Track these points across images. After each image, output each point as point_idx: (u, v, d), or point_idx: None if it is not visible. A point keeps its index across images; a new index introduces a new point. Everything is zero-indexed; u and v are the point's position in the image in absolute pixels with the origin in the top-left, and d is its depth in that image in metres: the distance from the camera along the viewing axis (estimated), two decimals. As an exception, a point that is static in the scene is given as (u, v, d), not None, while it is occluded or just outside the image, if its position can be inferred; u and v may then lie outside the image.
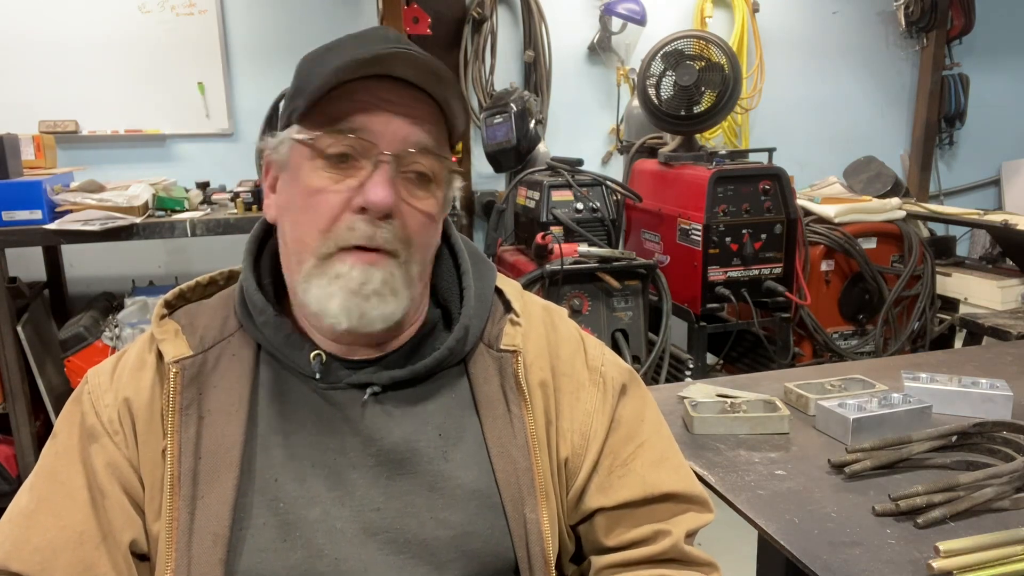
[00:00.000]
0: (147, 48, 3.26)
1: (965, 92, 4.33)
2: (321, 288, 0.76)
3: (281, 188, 0.82)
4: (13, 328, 2.54)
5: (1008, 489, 1.03)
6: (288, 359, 0.81)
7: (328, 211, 0.76)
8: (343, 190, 0.76)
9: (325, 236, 0.76)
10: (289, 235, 0.80)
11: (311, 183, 0.77)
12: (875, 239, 3.39)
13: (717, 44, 2.98)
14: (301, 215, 0.78)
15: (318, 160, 0.77)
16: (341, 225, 0.76)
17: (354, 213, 0.76)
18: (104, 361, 0.84)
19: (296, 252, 0.79)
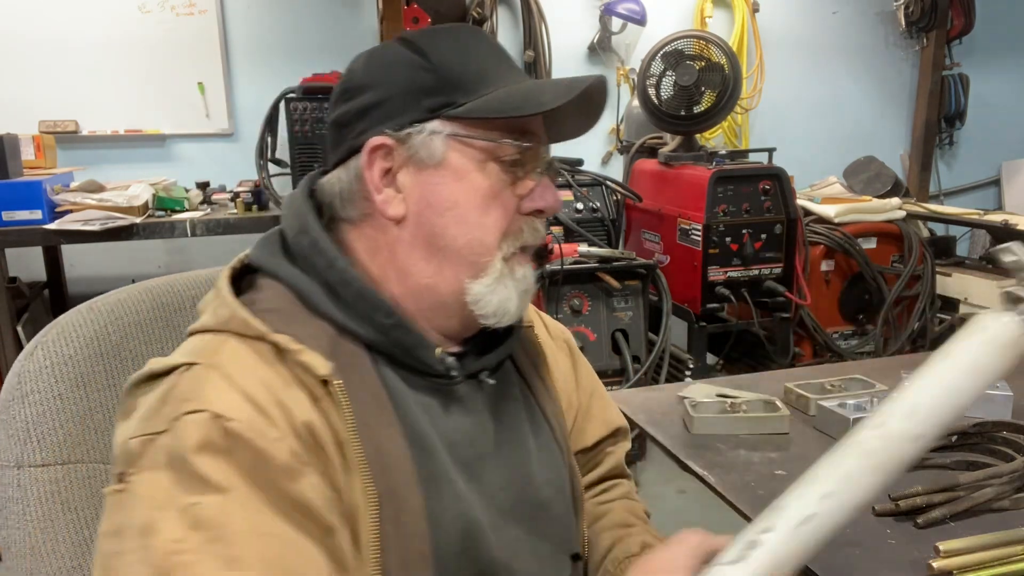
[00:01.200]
0: (147, 48, 3.27)
1: (965, 92, 4.33)
2: (508, 289, 0.79)
3: (425, 185, 0.77)
4: (13, 328, 2.54)
5: (1008, 489, 1.03)
6: (414, 360, 0.78)
7: (507, 213, 0.79)
8: (516, 194, 0.80)
9: (507, 238, 0.79)
10: (456, 235, 0.77)
11: (489, 185, 0.78)
12: (875, 239, 3.38)
13: (717, 44, 2.98)
14: (479, 216, 0.77)
15: (492, 163, 0.78)
16: (523, 227, 0.80)
17: (524, 216, 0.80)
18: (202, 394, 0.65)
19: (475, 252, 0.78)
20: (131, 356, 0.85)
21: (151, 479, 0.62)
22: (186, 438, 0.62)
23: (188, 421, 0.63)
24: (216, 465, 0.62)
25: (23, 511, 0.76)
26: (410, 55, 0.78)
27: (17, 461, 0.76)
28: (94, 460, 0.80)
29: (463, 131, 0.76)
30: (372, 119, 0.77)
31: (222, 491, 0.61)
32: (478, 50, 0.80)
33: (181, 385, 0.67)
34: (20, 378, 0.79)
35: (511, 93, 0.77)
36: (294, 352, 0.69)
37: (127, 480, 0.63)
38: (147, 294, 0.90)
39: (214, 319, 0.73)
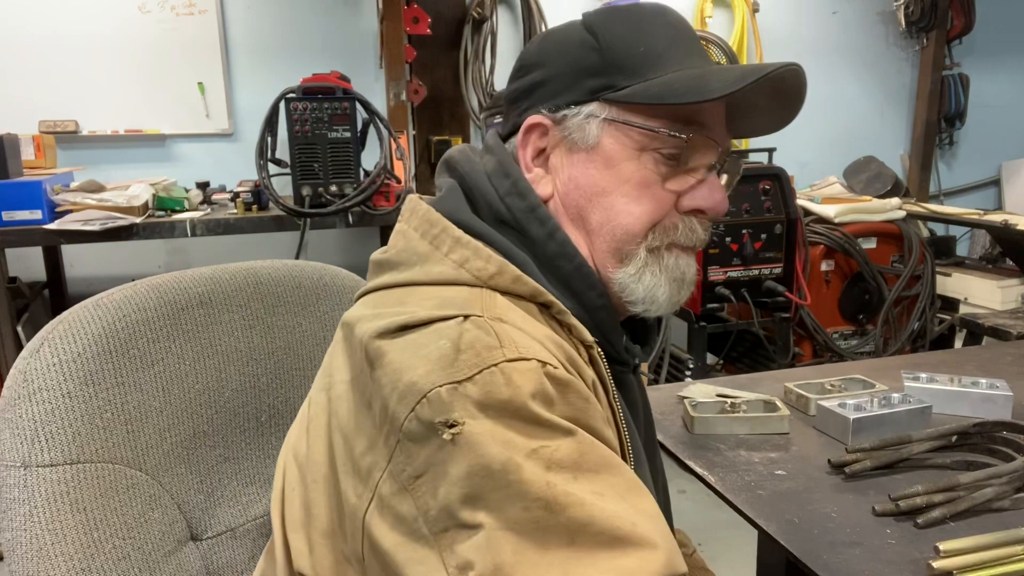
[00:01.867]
0: (147, 48, 3.27)
1: (965, 92, 4.33)
2: (654, 277, 0.75)
3: (574, 166, 0.76)
4: (13, 328, 2.54)
5: (1008, 489, 1.03)
6: (608, 342, 0.77)
7: (660, 207, 0.75)
8: (672, 188, 0.75)
9: (655, 231, 0.75)
10: (601, 220, 0.75)
11: (642, 176, 0.74)
12: (875, 239, 3.39)
13: (717, 44, 2.98)
14: (629, 204, 0.74)
15: (649, 153, 0.74)
16: (678, 224, 0.76)
17: (684, 213, 0.76)
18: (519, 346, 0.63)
19: (618, 240, 0.75)
20: (139, 354, 0.84)
21: (482, 426, 0.59)
22: (520, 386, 0.59)
23: (512, 370, 0.60)
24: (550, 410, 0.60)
25: (29, 512, 0.74)
26: (582, 34, 0.76)
27: (24, 461, 0.75)
28: (103, 460, 0.79)
29: (620, 116, 0.73)
30: (536, 97, 0.76)
31: (569, 433, 0.60)
32: (654, 30, 0.76)
33: (471, 334, 0.62)
34: (26, 376, 0.77)
35: (677, 79, 0.72)
36: (565, 315, 0.70)
37: (459, 423, 0.59)
38: (153, 291, 0.88)
39: (467, 273, 0.69)
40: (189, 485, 0.88)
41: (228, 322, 0.94)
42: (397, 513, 0.61)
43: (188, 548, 0.86)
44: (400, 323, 0.65)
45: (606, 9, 0.77)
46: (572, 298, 0.74)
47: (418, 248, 0.73)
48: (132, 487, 0.81)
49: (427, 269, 0.71)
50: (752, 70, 0.70)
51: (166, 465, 0.85)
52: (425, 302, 0.67)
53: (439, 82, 3.56)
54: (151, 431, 0.84)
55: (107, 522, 0.77)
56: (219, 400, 0.92)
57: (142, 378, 0.84)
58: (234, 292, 0.96)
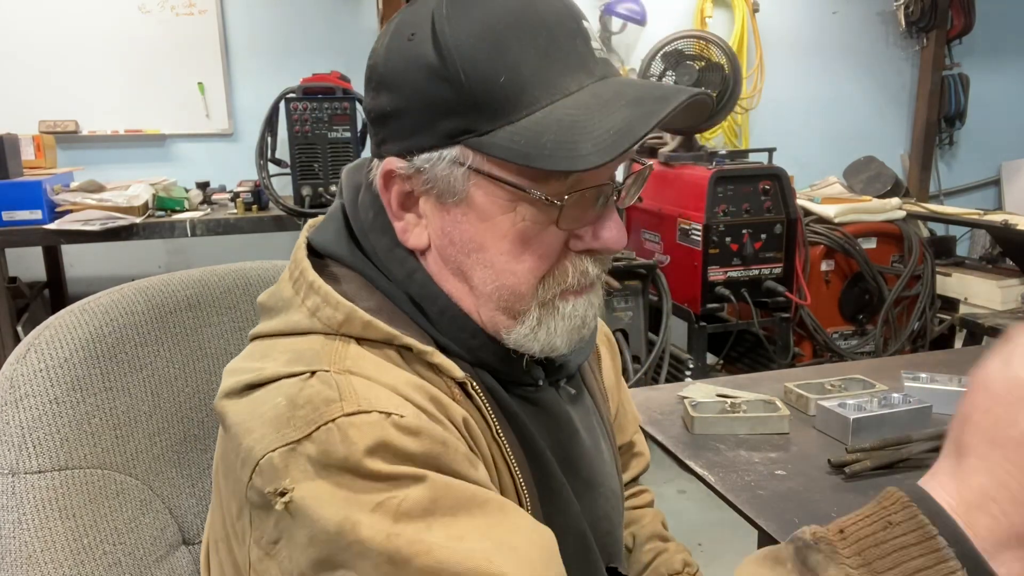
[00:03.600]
0: (147, 48, 3.26)
1: (965, 92, 4.33)
2: (550, 334, 0.68)
3: (445, 220, 0.67)
4: (13, 328, 2.54)
5: (1008, 490, 1.03)
6: (503, 372, 0.71)
7: (545, 258, 0.66)
8: (559, 232, 0.65)
9: (545, 282, 0.67)
10: (484, 279, 0.67)
11: (520, 230, 0.64)
12: (875, 239, 3.39)
13: (717, 44, 2.98)
14: (508, 262, 0.65)
15: (525, 204, 0.63)
16: (569, 269, 0.67)
17: (578, 253, 0.67)
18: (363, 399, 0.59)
19: (505, 300, 0.67)
20: (127, 359, 0.84)
21: (318, 487, 0.56)
22: (356, 442, 0.56)
23: (348, 425, 0.57)
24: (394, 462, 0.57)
25: (18, 519, 0.74)
26: (429, 54, 0.62)
27: (11, 468, 0.74)
28: (91, 465, 0.78)
29: (486, 167, 0.63)
30: (390, 130, 0.67)
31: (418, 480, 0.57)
32: (517, 44, 0.61)
33: (312, 389, 0.60)
34: (13, 382, 0.76)
35: (546, 127, 0.60)
36: (428, 354, 0.65)
37: (289, 491, 0.57)
38: (141, 295, 0.87)
39: (319, 322, 0.65)
40: (180, 489, 0.87)
41: (218, 324, 0.93)
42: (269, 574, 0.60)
43: (180, 552, 0.85)
44: (245, 382, 0.63)
45: (455, 9, 0.63)
46: (449, 338, 0.68)
47: (283, 293, 0.69)
48: (122, 492, 0.80)
49: (287, 318, 0.67)
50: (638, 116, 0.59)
51: (156, 469, 0.84)
52: (280, 356, 0.64)
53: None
54: (140, 435, 0.83)
55: (97, 528, 0.77)
56: (209, 403, 0.90)
57: (130, 382, 0.84)
58: (223, 294, 0.95)
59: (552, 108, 0.61)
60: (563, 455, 0.74)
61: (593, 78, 0.64)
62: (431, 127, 0.63)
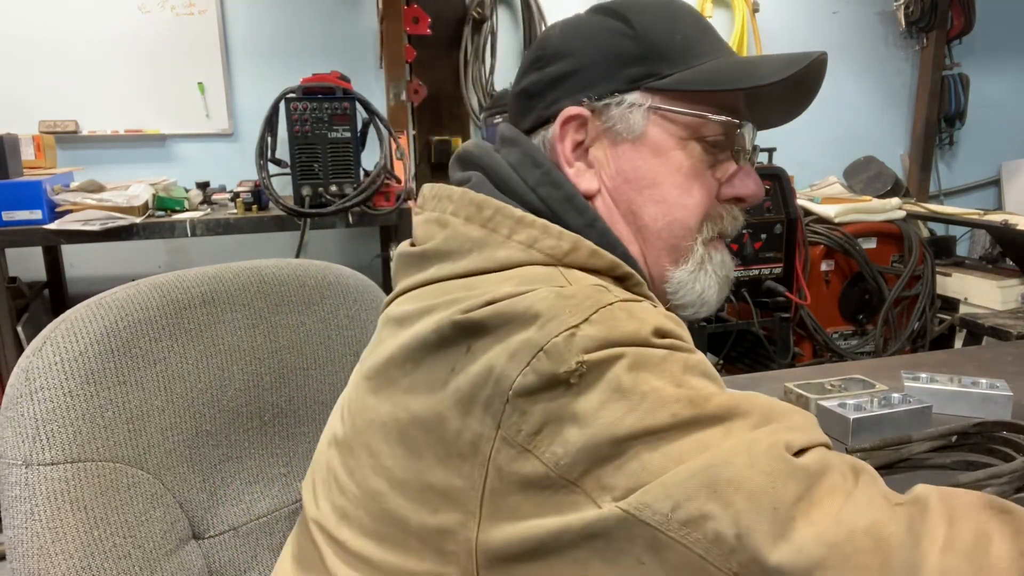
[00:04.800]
0: (147, 48, 3.27)
1: (965, 92, 4.33)
2: (708, 276, 0.74)
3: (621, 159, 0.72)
4: (13, 328, 2.54)
5: (1008, 489, 1.03)
6: None
7: (709, 196, 0.73)
8: (712, 177, 0.74)
9: (705, 222, 0.74)
10: (655, 215, 0.72)
11: (691, 164, 0.72)
12: (875, 239, 3.39)
13: (717, 44, 2.98)
14: (679, 195, 0.72)
15: (695, 142, 0.72)
16: (723, 215, 0.75)
17: (723, 203, 0.75)
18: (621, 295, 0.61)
19: (675, 235, 0.73)
20: (141, 353, 0.84)
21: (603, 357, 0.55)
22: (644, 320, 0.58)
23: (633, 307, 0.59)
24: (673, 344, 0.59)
25: (31, 510, 0.74)
26: (612, 22, 0.73)
27: (25, 459, 0.75)
28: (104, 458, 0.79)
29: (667, 104, 0.71)
30: (567, 88, 0.73)
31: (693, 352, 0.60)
32: (685, 18, 0.74)
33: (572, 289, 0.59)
34: (28, 374, 0.77)
35: (723, 66, 0.71)
36: (642, 286, 0.68)
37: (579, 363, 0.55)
38: (156, 290, 0.88)
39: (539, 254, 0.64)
40: (191, 484, 0.87)
41: (231, 321, 0.94)
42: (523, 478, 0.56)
43: (190, 547, 0.86)
44: (486, 299, 0.59)
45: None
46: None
47: (470, 234, 0.66)
48: (133, 486, 0.81)
49: (488, 255, 0.64)
50: (793, 59, 0.69)
51: (168, 464, 0.85)
52: (500, 286, 0.61)
53: (439, 82, 3.56)
54: (153, 430, 0.84)
55: (108, 521, 0.77)
56: (222, 399, 0.91)
57: (144, 377, 0.84)
58: (238, 291, 0.96)
59: (720, 60, 0.72)
60: None
61: (737, 55, 0.75)
62: (614, 75, 0.71)
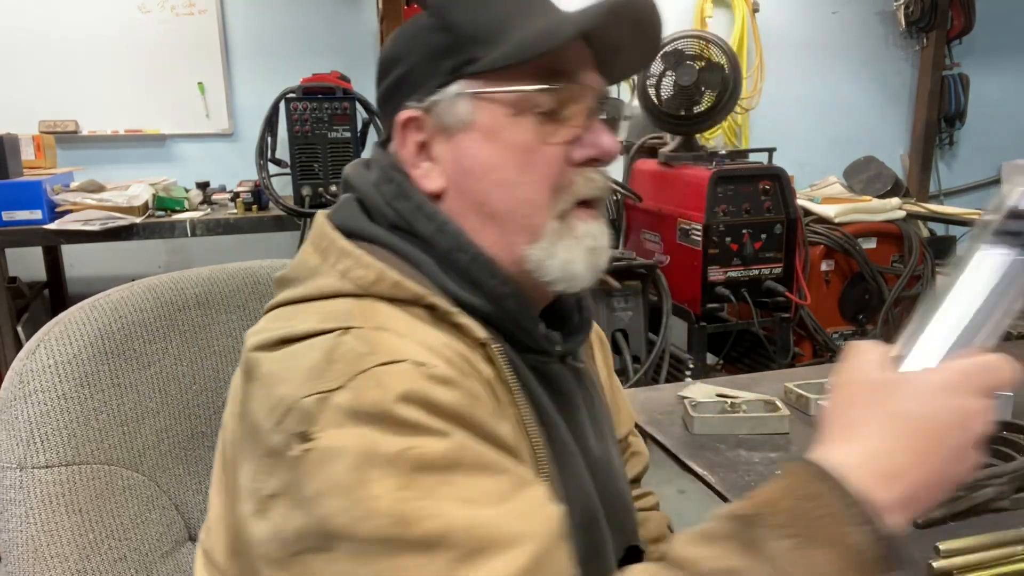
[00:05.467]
0: (147, 48, 3.27)
1: (965, 92, 4.33)
2: (568, 251, 0.72)
3: (457, 151, 0.72)
4: (13, 328, 2.54)
5: (1008, 489, 1.03)
6: (523, 332, 0.74)
7: (552, 166, 0.71)
8: (559, 143, 0.71)
9: (558, 193, 0.72)
10: (501, 199, 0.72)
11: (526, 140, 0.71)
12: (875, 239, 3.39)
13: (717, 44, 2.98)
14: (520, 175, 0.71)
15: (526, 115, 0.71)
16: (576, 179, 0.72)
17: (577, 167, 0.72)
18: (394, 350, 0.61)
19: (522, 216, 0.72)
20: (135, 355, 0.84)
21: (350, 434, 0.57)
22: (389, 388, 0.58)
23: (376, 373, 0.59)
24: (421, 411, 0.58)
25: (25, 513, 0.74)
26: (425, 18, 0.74)
27: (20, 462, 0.75)
28: (99, 461, 0.79)
29: (485, 87, 0.70)
30: (402, 94, 0.74)
31: (442, 435, 0.58)
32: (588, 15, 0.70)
33: (346, 346, 0.61)
34: (22, 377, 0.77)
35: (528, 34, 0.70)
36: (453, 314, 0.67)
37: (313, 438, 0.57)
38: (150, 292, 0.88)
39: (350, 283, 0.67)
40: (187, 486, 0.87)
41: (226, 322, 0.94)
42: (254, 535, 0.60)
43: (186, 548, 0.85)
44: (278, 336, 0.64)
45: None
46: (478, 291, 0.71)
47: (309, 262, 0.71)
48: (128, 488, 0.81)
49: (316, 283, 0.69)
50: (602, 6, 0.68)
51: (163, 466, 0.85)
52: (310, 317, 0.66)
53: (439, 82, 3.55)
54: (148, 432, 0.84)
55: (103, 523, 0.77)
56: (217, 401, 0.91)
57: (138, 379, 0.84)
58: (232, 293, 0.96)
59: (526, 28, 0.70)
60: (573, 430, 0.76)
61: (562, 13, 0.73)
62: (435, 70, 0.72)
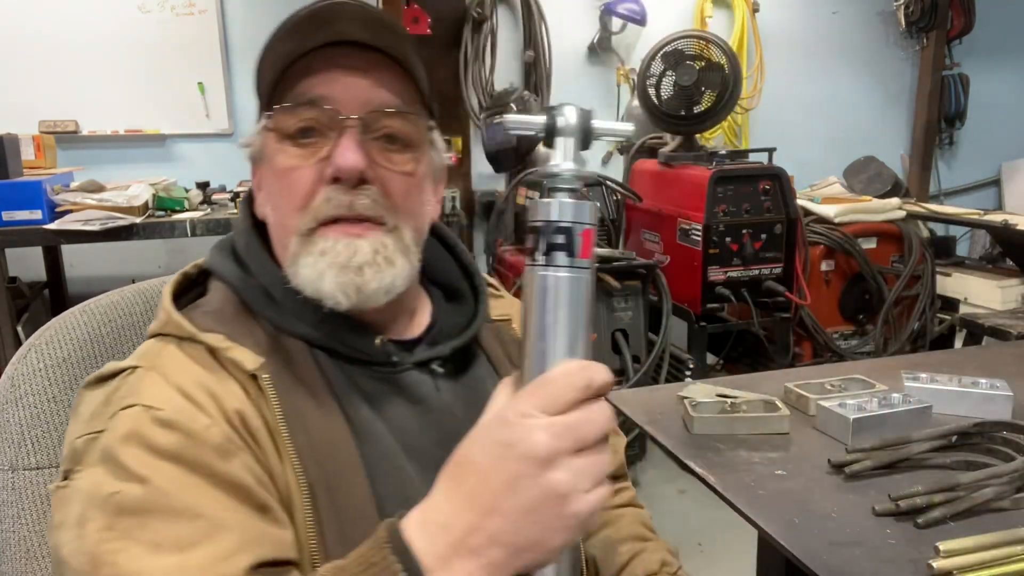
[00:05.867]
0: (147, 48, 3.27)
1: (965, 92, 4.33)
2: (308, 267, 0.73)
3: (263, 178, 0.80)
4: (13, 328, 2.54)
5: (1008, 489, 1.03)
6: (352, 349, 0.77)
7: (302, 187, 0.74)
8: (313, 164, 0.74)
9: (303, 212, 0.74)
10: (273, 223, 0.78)
11: (281, 164, 0.75)
12: (875, 239, 3.39)
13: (717, 44, 2.98)
14: (278, 199, 0.76)
15: (285, 142, 0.75)
16: (318, 198, 0.73)
17: (328, 184, 0.73)
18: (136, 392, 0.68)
19: (281, 238, 0.77)
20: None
21: (89, 474, 0.64)
22: (115, 431, 0.65)
23: (120, 416, 0.66)
24: (139, 454, 0.63)
25: (18, 514, 0.76)
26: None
27: (11, 464, 0.76)
28: (90, 462, 0.80)
29: (264, 120, 0.76)
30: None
31: (143, 480, 0.62)
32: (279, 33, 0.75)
33: (123, 387, 0.70)
34: (13, 381, 0.79)
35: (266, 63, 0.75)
36: (223, 350, 0.71)
37: (71, 477, 0.66)
38: (140, 296, 0.90)
39: (157, 324, 0.76)
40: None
41: (216, 324, 0.95)
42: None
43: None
44: (96, 376, 0.73)
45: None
46: (298, 318, 0.76)
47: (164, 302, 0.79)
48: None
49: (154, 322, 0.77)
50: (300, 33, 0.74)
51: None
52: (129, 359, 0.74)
53: (439, 82, 3.56)
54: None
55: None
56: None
57: (128, 382, 0.85)
58: None
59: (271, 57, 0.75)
60: (422, 435, 0.77)
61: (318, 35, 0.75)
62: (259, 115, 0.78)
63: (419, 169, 0.78)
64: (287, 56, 0.74)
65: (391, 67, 0.76)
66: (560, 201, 0.58)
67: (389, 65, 0.76)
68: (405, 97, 0.77)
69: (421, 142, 0.78)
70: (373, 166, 0.74)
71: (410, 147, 0.77)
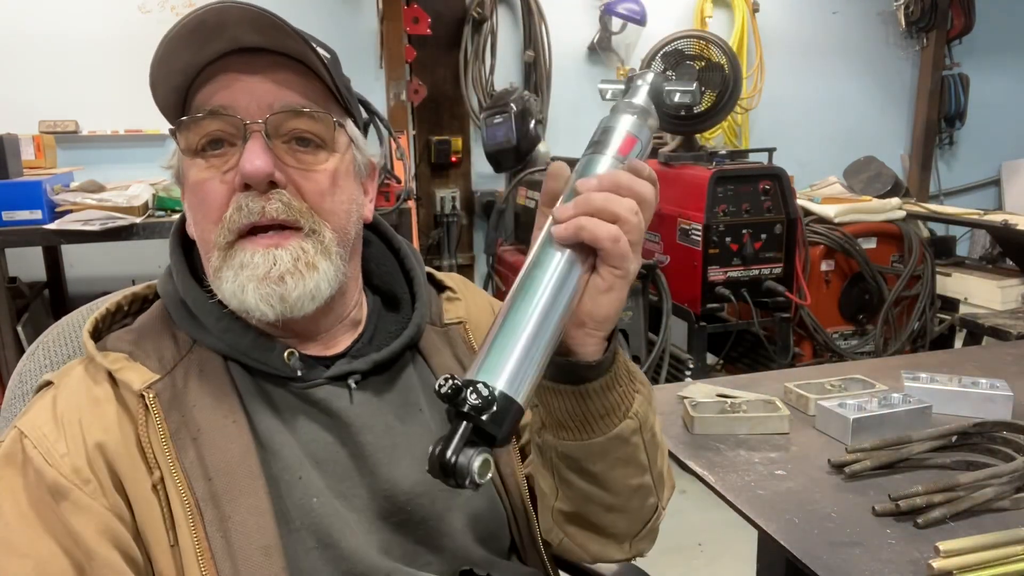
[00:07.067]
0: (148, 48, 3.18)
1: (965, 92, 4.33)
2: (230, 281, 0.72)
3: (184, 197, 0.80)
4: (13, 328, 2.54)
5: (1008, 489, 1.03)
6: (260, 363, 0.77)
7: (216, 199, 0.73)
8: (224, 175, 0.73)
9: (219, 225, 0.73)
10: (197, 239, 0.78)
11: (193, 179, 0.74)
12: (875, 239, 3.39)
13: (717, 44, 2.98)
14: (196, 214, 0.75)
15: (195, 156, 0.74)
16: (230, 207, 0.72)
17: (240, 192, 0.72)
18: (30, 411, 0.73)
19: (205, 253, 0.76)
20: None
21: None
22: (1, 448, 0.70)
23: (8, 433, 0.71)
24: (4, 476, 0.69)
25: None
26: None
27: None
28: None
29: (177, 140, 0.75)
30: None
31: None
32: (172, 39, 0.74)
33: (33, 402, 0.74)
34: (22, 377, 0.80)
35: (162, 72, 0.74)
36: (116, 371, 0.73)
37: None
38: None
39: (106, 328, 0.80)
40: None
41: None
42: None
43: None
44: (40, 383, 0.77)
45: None
46: (207, 330, 0.77)
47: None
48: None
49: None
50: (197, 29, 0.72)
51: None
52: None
53: (439, 82, 3.56)
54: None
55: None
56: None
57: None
58: None
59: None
60: (327, 452, 0.77)
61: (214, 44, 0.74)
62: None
63: (336, 167, 0.76)
64: (182, 71, 0.73)
65: (293, 67, 0.75)
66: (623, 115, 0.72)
67: (291, 65, 0.74)
68: (312, 96, 0.75)
69: (335, 139, 0.77)
70: (283, 168, 0.73)
71: (322, 146, 0.75)
